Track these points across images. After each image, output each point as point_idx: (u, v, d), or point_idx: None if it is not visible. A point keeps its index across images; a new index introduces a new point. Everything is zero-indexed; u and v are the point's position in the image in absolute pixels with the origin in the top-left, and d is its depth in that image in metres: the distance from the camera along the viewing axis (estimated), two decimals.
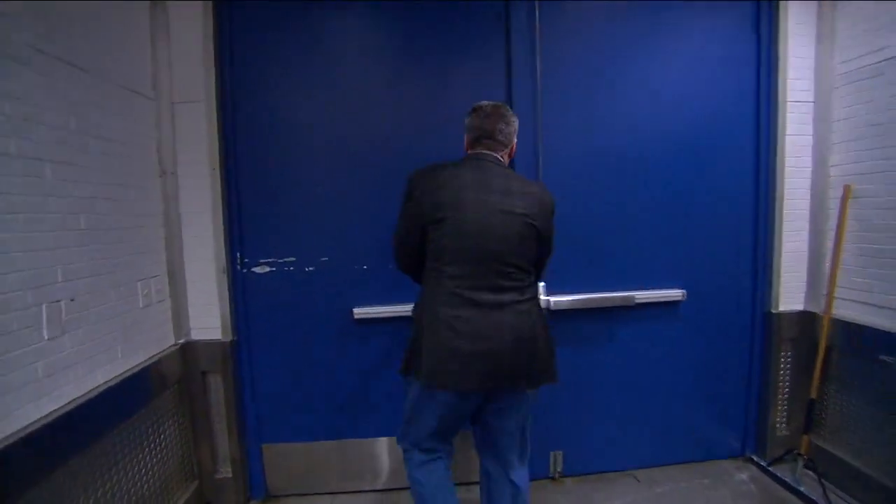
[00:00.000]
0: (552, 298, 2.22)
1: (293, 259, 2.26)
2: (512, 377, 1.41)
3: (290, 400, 2.28)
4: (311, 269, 2.27)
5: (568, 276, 2.27)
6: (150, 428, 1.88)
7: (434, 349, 1.40)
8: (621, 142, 2.26)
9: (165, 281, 2.02)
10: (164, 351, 1.98)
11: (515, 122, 1.56)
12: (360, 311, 2.23)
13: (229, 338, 2.13)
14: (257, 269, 2.22)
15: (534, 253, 1.49)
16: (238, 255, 2.16)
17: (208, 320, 2.12)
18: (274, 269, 2.24)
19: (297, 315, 2.25)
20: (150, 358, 1.89)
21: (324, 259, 2.28)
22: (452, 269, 1.41)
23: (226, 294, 2.11)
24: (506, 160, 1.56)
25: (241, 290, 2.18)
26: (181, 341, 2.08)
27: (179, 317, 2.08)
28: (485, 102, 1.55)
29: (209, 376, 2.14)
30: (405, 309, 2.05)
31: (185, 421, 2.10)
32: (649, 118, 2.26)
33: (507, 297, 1.41)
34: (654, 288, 2.32)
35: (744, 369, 2.43)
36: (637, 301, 2.27)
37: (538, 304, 1.53)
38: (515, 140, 1.58)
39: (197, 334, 2.13)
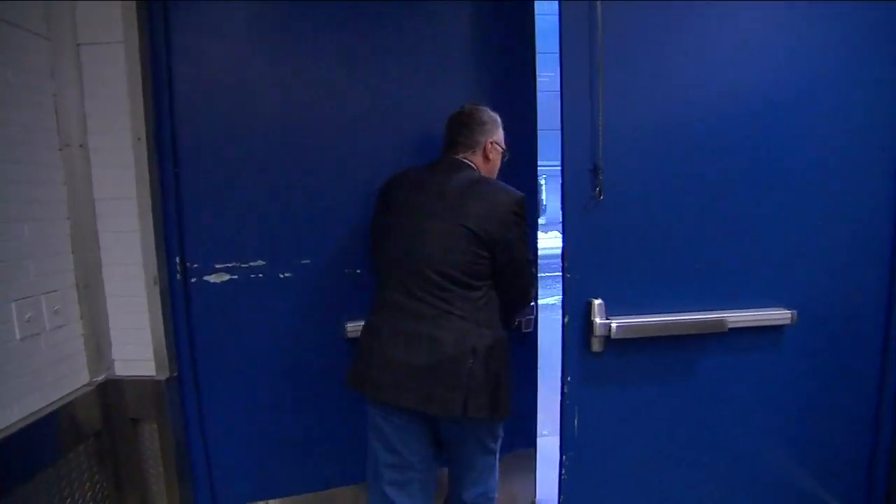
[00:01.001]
0: (613, 322, 1.60)
1: (262, 263, 1.68)
2: (425, 397, 1.27)
3: (258, 453, 1.70)
4: (287, 275, 1.70)
5: (633, 291, 1.64)
6: (54, 499, 1.31)
7: (359, 355, 1.39)
8: (709, 114, 1.61)
9: (72, 297, 1.44)
10: (71, 394, 1.41)
11: (481, 119, 1.49)
12: (355, 327, 1.69)
13: (167, 373, 1.54)
14: (211, 278, 1.63)
15: (481, 265, 1.34)
16: (178, 259, 1.57)
17: (138, 349, 1.54)
18: (236, 276, 1.66)
19: (268, 337, 1.68)
20: (48, 405, 1.32)
21: (304, 262, 1.73)
22: (385, 274, 1.40)
23: (161, 313, 1.53)
24: (478, 161, 1.49)
25: (183, 306, 1.59)
26: (100, 379, 1.50)
27: (97, 346, 1.49)
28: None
29: (141, 425, 1.56)
30: None
31: (108, 486, 1.53)
32: (752, 83, 1.61)
33: (431, 308, 1.31)
34: (750, 307, 1.68)
35: (869, 416, 1.79)
36: (730, 326, 1.64)
37: (483, 323, 1.35)
38: (491, 137, 1.51)
39: (123, 369, 1.55)
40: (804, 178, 1.66)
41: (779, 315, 1.67)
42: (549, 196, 10.84)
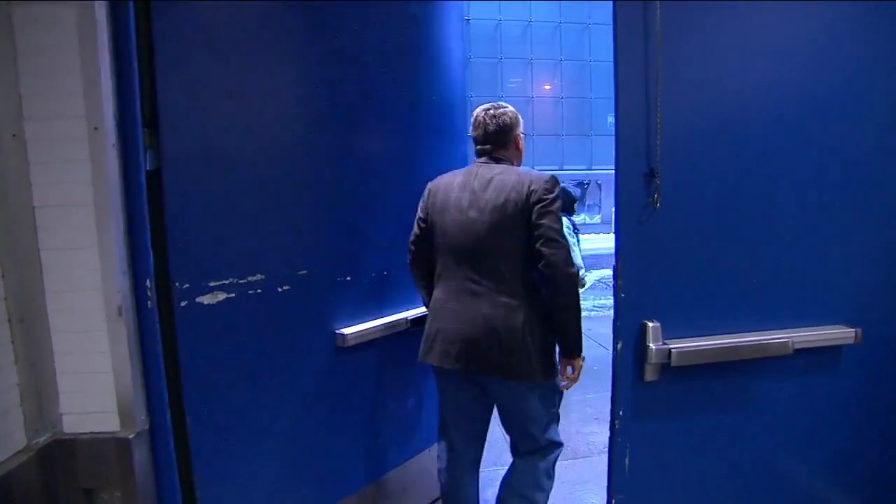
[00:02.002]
0: (673, 346, 1.39)
1: (261, 277, 1.44)
2: (485, 362, 1.48)
3: None
4: (285, 287, 1.50)
5: (691, 311, 1.45)
6: None
7: (427, 332, 1.59)
8: (775, 116, 1.44)
9: (2, 336, 1.08)
10: (1, 464, 1.06)
11: (501, 119, 1.58)
12: (353, 334, 1.67)
13: (134, 428, 1.20)
14: (205, 299, 1.32)
15: (520, 241, 1.46)
16: (149, 282, 1.22)
17: (95, 399, 1.19)
18: (233, 294, 1.37)
19: (271, 363, 1.42)
20: None
21: (302, 273, 1.54)
22: (441, 264, 1.57)
23: (126, 350, 1.18)
24: (510, 154, 1.62)
25: (160, 338, 1.24)
26: (42, 440, 1.15)
27: (37, 398, 1.14)
28: (477, 110, 1.64)
29: (99, 497, 1.21)
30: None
31: None
32: (820, 83, 1.45)
33: (483, 287, 1.48)
34: (810, 325, 1.52)
35: None
36: (796, 347, 1.47)
37: (524, 299, 1.48)
38: (517, 131, 1.63)
39: (74, 425, 1.20)
40: (872, 187, 1.52)
41: (842, 334, 1.52)
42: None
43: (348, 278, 1.69)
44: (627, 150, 1.38)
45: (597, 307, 6.28)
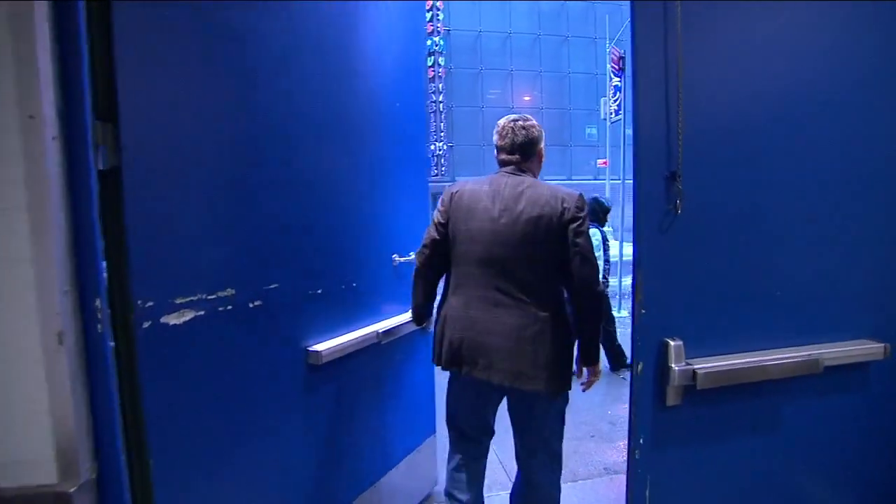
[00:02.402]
0: (698, 368, 1.27)
1: (232, 292, 1.26)
2: (516, 374, 1.48)
3: None
4: (256, 303, 1.33)
5: (716, 327, 1.33)
6: None
7: (449, 339, 1.57)
8: (802, 120, 1.36)
9: None
10: None
11: (529, 131, 1.58)
12: (327, 350, 1.52)
13: (78, 479, 0.99)
14: (171, 319, 1.13)
15: (550, 260, 1.49)
16: (98, 302, 1.03)
17: (28, 445, 0.98)
18: (202, 311, 1.19)
19: (246, 389, 1.29)
20: None
21: (273, 286, 1.38)
22: (462, 272, 1.57)
23: (66, 384, 0.98)
24: (533, 166, 1.62)
25: (113, 369, 1.04)
26: None
27: None
28: (502, 120, 1.63)
29: None
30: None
31: None
32: (850, 82, 1.36)
33: (512, 298, 1.49)
34: (834, 340, 1.42)
35: None
36: (826, 364, 1.36)
37: (551, 311, 1.49)
38: (541, 145, 1.63)
39: (1, 477, 0.99)
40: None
41: (871, 349, 1.43)
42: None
43: (319, 291, 1.55)
44: (647, 154, 1.26)
45: None
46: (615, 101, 17.17)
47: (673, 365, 1.27)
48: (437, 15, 19.62)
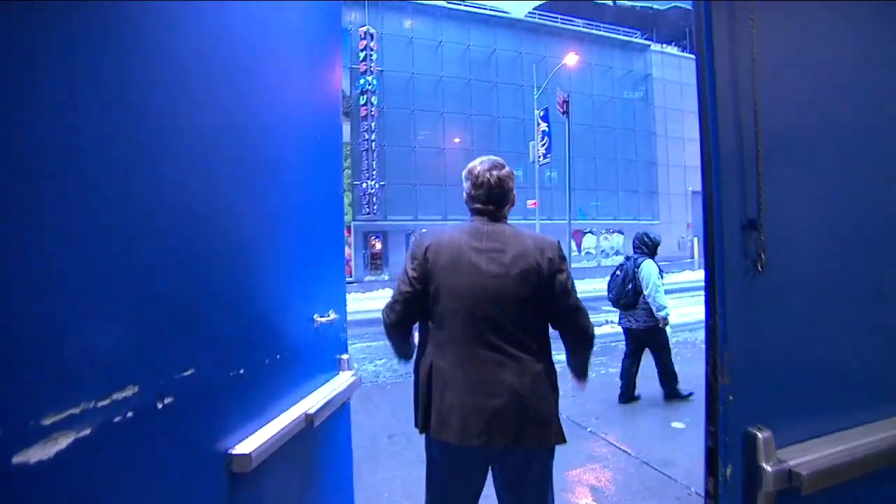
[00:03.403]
0: (793, 461, 1.00)
1: (134, 390, 0.77)
2: (514, 435, 1.41)
3: None
4: (168, 400, 0.84)
5: (803, 407, 1.08)
6: None
7: (438, 405, 1.45)
8: None
9: None
10: None
11: (505, 182, 1.55)
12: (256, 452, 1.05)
13: None
14: (33, 454, 0.64)
15: (539, 311, 1.48)
16: None
17: None
18: (88, 429, 0.72)
19: None
20: None
21: (188, 373, 0.93)
22: (446, 329, 1.47)
23: None
24: (507, 211, 1.59)
25: None
26: None
27: None
28: (476, 166, 1.57)
29: None
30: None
31: None
32: None
33: (503, 355, 1.44)
34: None
35: None
36: None
37: (544, 363, 1.48)
38: (513, 192, 1.60)
39: None
40: None
41: None
42: None
43: (241, 371, 1.11)
44: (721, 198, 1.01)
45: None
46: (543, 144, 18.11)
47: (764, 465, 1.00)
48: (371, 55, 19.72)
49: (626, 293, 3.86)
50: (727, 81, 1.01)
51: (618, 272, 4.01)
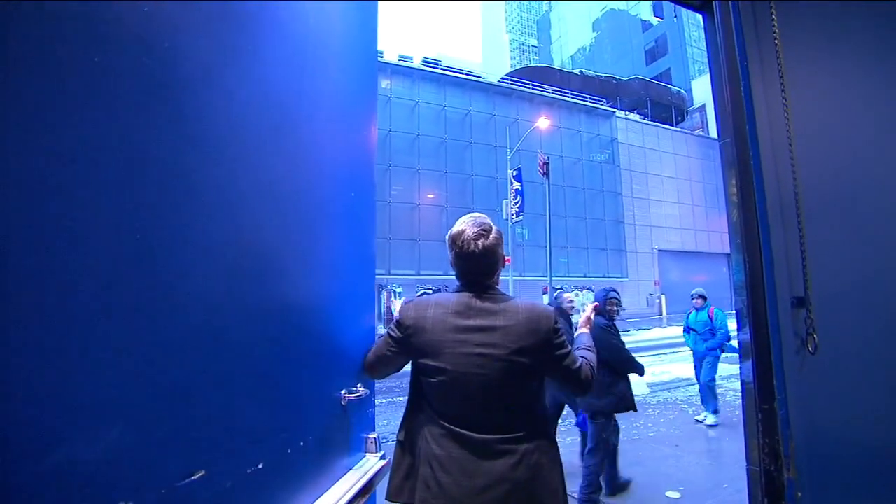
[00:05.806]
0: None
1: None
2: None
3: None
4: None
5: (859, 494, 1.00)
6: None
7: (425, 485, 1.34)
8: None
9: None
10: None
11: (491, 248, 1.40)
12: None
13: None
14: None
15: (530, 389, 1.39)
16: None
17: None
18: None
19: None
20: None
21: (196, 477, 0.78)
22: (440, 408, 1.39)
23: None
24: (498, 275, 1.47)
25: None
26: None
27: None
28: (460, 234, 1.40)
29: None
30: None
31: None
32: None
33: (497, 442, 1.33)
34: None
35: None
36: None
37: (542, 443, 1.36)
38: (502, 250, 1.47)
39: None
40: None
41: None
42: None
43: (260, 466, 0.94)
44: (773, 276, 0.97)
45: None
46: (516, 202, 18.59)
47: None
48: None
49: None
50: (769, 159, 1.00)
51: None
